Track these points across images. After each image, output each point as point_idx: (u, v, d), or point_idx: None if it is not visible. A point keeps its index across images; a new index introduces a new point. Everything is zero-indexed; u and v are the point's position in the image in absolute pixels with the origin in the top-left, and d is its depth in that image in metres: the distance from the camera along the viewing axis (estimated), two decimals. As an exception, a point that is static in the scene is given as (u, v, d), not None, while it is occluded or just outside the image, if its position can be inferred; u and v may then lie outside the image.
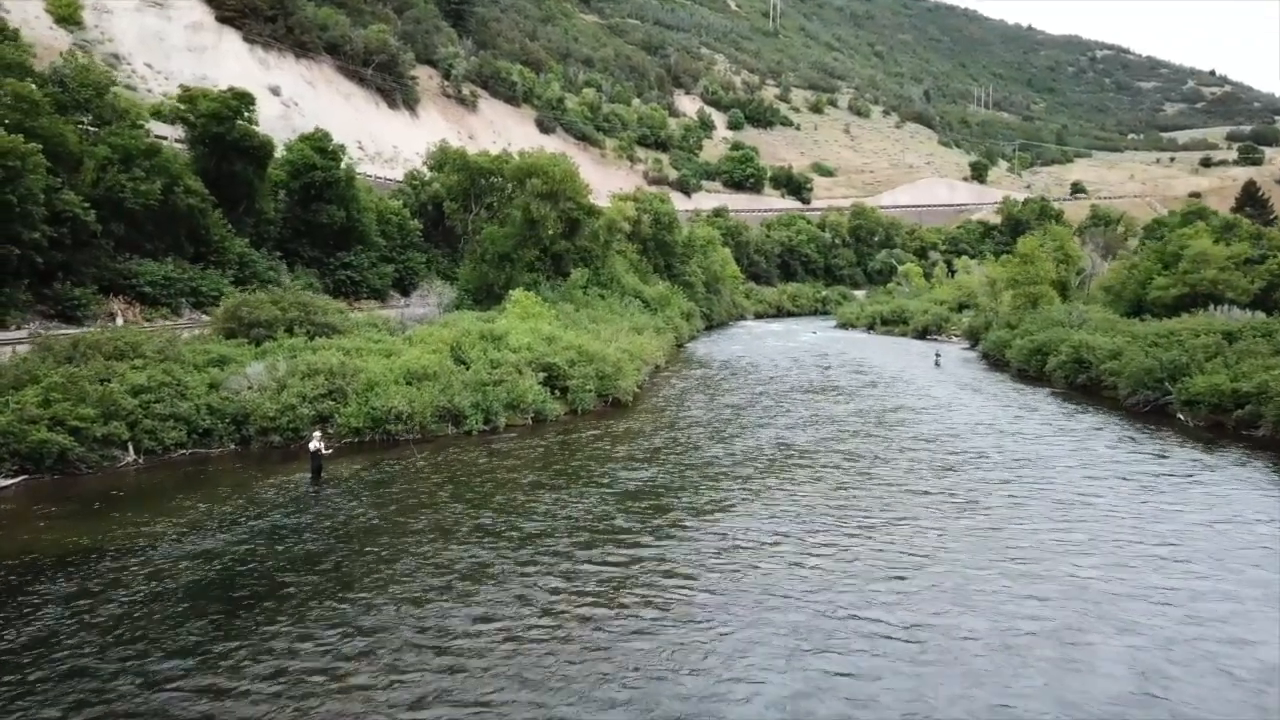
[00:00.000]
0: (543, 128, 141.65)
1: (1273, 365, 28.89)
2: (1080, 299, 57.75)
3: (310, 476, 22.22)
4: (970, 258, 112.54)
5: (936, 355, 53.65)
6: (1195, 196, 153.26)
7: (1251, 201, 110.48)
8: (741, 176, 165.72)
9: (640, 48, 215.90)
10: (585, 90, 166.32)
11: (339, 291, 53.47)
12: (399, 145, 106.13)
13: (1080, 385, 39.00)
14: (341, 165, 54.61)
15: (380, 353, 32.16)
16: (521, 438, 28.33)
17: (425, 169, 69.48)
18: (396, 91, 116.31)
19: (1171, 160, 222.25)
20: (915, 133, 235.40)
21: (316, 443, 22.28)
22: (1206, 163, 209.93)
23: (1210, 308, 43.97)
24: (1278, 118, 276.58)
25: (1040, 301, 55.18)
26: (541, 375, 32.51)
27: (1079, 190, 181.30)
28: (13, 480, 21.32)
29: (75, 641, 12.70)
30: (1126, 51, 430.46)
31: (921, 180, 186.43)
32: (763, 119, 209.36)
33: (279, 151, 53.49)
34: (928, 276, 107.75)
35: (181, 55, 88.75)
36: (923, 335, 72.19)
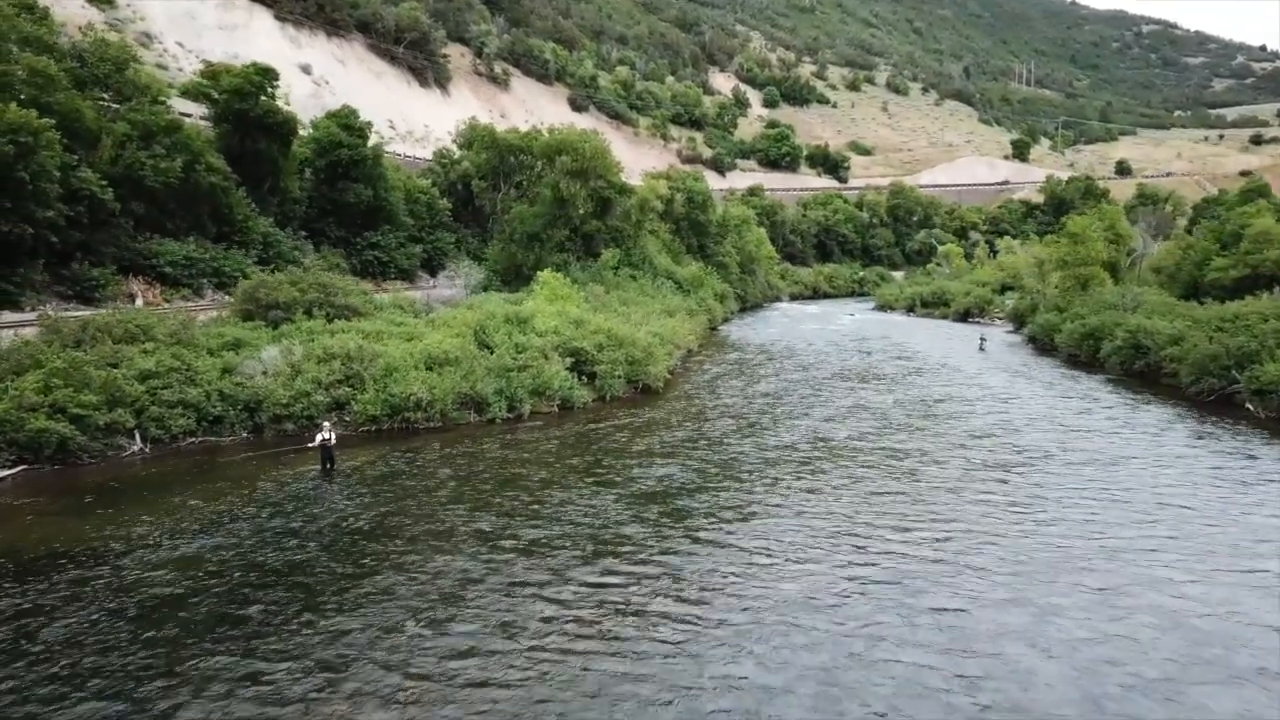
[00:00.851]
0: (575, 106, 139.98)
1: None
2: (1131, 280, 55.26)
3: (320, 469, 20.96)
4: (1012, 238, 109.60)
5: (981, 339, 51.65)
6: (1246, 175, 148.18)
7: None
8: (777, 155, 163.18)
9: (674, 25, 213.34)
10: (619, 68, 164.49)
11: (366, 272, 52.42)
12: (430, 124, 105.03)
13: (1137, 372, 36.89)
14: (368, 143, 53.41)
15: (401, 336, 30.89)
16: (546, 426, 26.90)
17: (454, 147, 68.20)
18: (428, 70, 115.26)
19: (1220, 138, 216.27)
20: (955, 110, 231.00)
21: (326, 433, 20.98)
22: (1257, 140, 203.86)
23: (1275, 290, 41.56)
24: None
25: (1090, 283, 52.83)
26: (569, 360, 31.07)
27: (1124, 169, 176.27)
28: (10, 471, 20.23)
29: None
30: (1174, 26, 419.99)
31: (961, 159, 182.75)
32: (799, 96, 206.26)
33: (305, 130, 52.41)
34: (968, 257, 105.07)
35: (213, 34, 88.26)
36: (964, 318, 70.18)
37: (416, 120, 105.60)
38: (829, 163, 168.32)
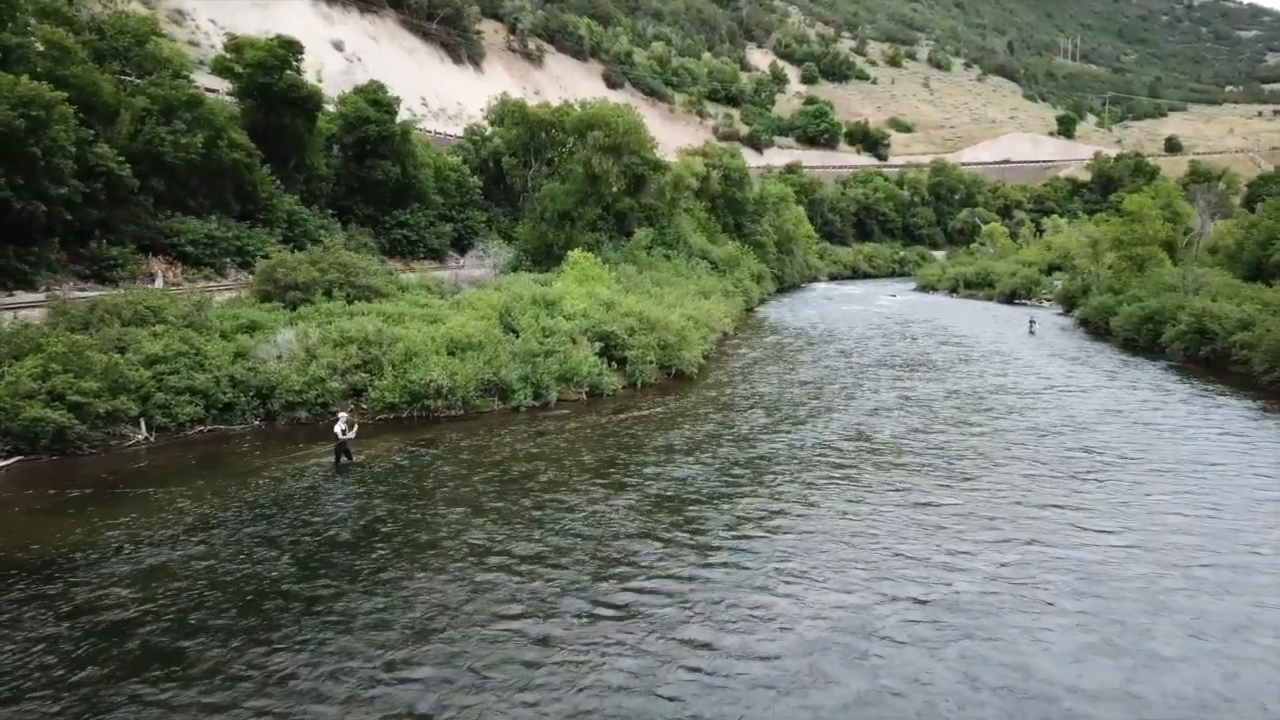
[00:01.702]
0: (610, 82, 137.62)
1: None
2: (1189, 261, 52.58)
3: (334, 462, 19.60)
4: (1059, 217, 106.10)
5: (1031, 322, 49.38)
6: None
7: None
8: (815, 132, 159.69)
9: (711, 0, 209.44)
10: (654, 44, 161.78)
11: (394, 251, 51.09)
12: (463, 101, 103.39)
13: (1202, 359, 34.64)
14: (397, 119, 51.96)
15: (424, 318, 29.48)
16: (573, 414, 25.41)
17: (486, 124, 66.59)
18: (461, 46, 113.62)
19: (1276, 113, 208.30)
20: (998, 86, 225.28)
21: (342, 424, 19.57)
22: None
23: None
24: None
25: (1147, 264, 50.27)
26: (598, 345, 29.51)
27: (1174, 146, 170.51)
28: (4, 463, 19.09)
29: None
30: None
31: (1005, 136, 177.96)
32: (838, 73, 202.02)
33: (332, 105, 51.07)
34: (1013, 236, 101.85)
35: (245, 10, 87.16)
36: (1010, 299, 67.75)
37: (449, 97, 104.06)
38: (868, 140, 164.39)
